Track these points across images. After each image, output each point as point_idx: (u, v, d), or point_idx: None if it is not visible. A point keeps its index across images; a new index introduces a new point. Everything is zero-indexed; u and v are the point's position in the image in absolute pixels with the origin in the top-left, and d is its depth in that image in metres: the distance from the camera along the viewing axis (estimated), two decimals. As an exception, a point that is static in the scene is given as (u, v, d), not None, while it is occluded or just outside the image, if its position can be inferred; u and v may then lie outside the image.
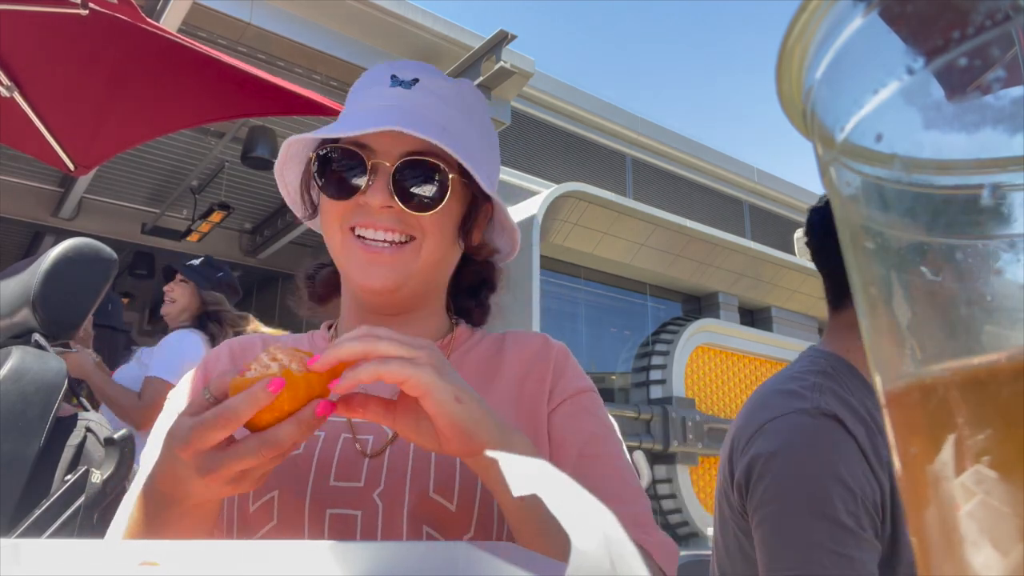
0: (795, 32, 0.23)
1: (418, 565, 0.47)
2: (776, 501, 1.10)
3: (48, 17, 2.24)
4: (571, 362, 0.98)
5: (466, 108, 0.94)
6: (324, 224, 0.93)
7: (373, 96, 0.92)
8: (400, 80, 0.92)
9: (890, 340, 0.22)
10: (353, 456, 0.85)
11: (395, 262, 0.88)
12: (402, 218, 0.88)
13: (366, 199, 0.87)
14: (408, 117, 0.87)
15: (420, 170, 0.87)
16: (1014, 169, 0.19)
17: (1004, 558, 0.18)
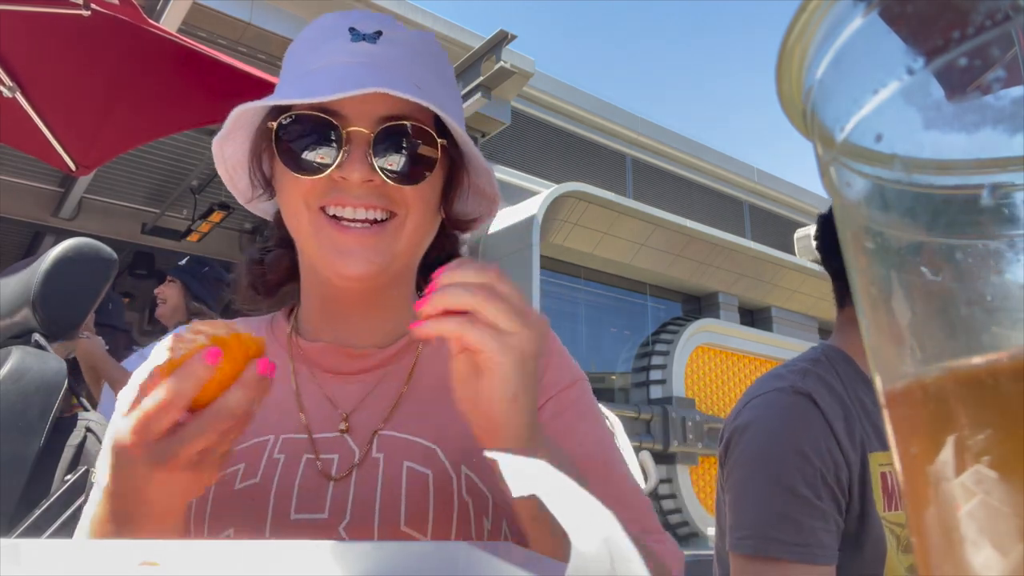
0: (795, 32, 0.23)
1: (418, 565, 0.47)
2: (742, 468, 1.17)
3: (50, 17, 2.24)
4: (555, 354, 0.89)
5: (431, 62, 0.84)
6: (285, 204, 0.81)
7: (332, 52, 0.79)
8: (362, 34, 0.79)
9: (890, 340, 0.22)
10: (316, 481, 0.76)
11: (377, 243, 0.77)
12: (383, 192, 0.77)
13: (342, 173, 0.75)
14: (383, 75, 0.75)
15: (402, 137, 0.76)
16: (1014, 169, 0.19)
17: (1004, 558, 0.18)
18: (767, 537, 1.07)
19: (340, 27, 0.80)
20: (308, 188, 0.77)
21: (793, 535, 1.06)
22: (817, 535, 1.06)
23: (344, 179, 0.76)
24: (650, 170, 12.35)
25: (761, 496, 1.11)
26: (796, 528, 1.06)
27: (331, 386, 0.85)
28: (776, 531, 1.06)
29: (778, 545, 1.06)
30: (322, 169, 0.76)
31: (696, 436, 10.31)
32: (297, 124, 0.76)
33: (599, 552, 0.29)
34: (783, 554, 1.05)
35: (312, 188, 0.77)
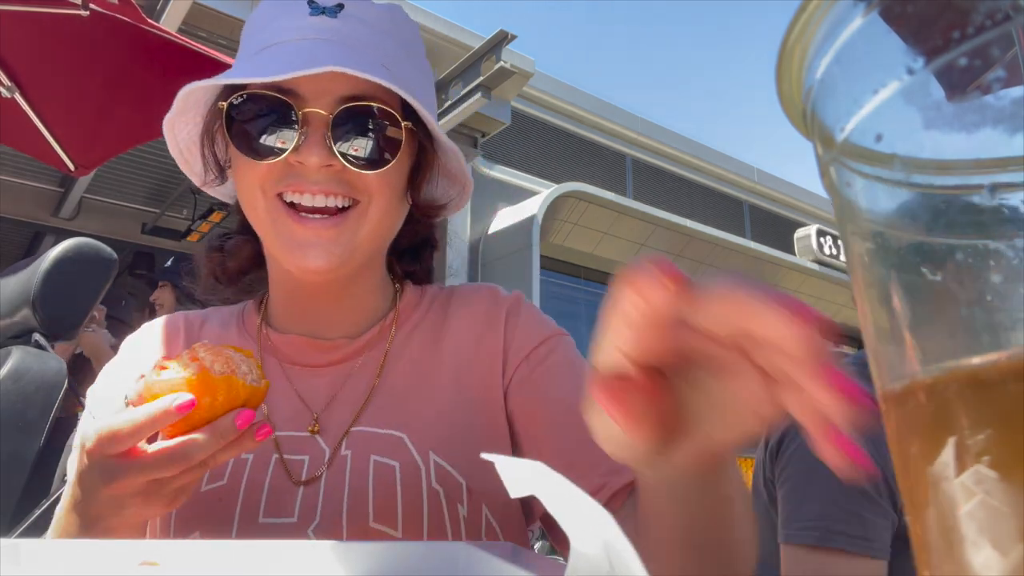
0: (795, 32, 0.23)
1: (418, 565, 0.47)
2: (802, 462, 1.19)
3: (49, 18, 2.24)
4: (524, 315, 0.84)
5: (400, 38, 0.78)
6: (241, 190, 0.76)
7: (289, 28, 0.73)
8: (321, 7, 0.74)
9: (890, 340, 0.22)
10: (286, 485, 0.73)
11: (338, 235, 0.72)
12: (343, 178, 0.72)
13: (299, 158, 0.70)
14: (344, 53, 0.71)
15: (365, 119, 0.71)
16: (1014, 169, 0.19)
17: (1004, 558, 0.18)
18: (832, 530, 1.10)
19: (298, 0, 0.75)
20: (264, 173, 0.72)
21: (857, 528, 1.09)
22: (877, 530, 1.10)
23: (301, 164, 0.70)
24: (650, 170, 12.34)
25: (825, 490, 1.13)
26: (860, 522, 1.09)
27: (301, 381, 0.81)
28: (842, 524, 1.09)
29: (843, 538, 1.09)
30: (277, 153, 0.70)
31: (696, 436, 10.29)
32: (250, 104, 0.71)
33: (598, 553, 0.29)
34: (847, 546, 1.08)
35: (268, 173, 0.72)
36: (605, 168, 11.67)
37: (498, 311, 0.84)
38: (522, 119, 10.08)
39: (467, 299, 0.87)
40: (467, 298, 0.88)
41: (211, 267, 0.89)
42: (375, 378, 0.81)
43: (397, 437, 0.75)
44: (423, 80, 0.80)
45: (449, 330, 0.84)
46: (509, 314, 0.84)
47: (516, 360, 0.81)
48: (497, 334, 0.82)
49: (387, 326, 0.84)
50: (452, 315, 0.86)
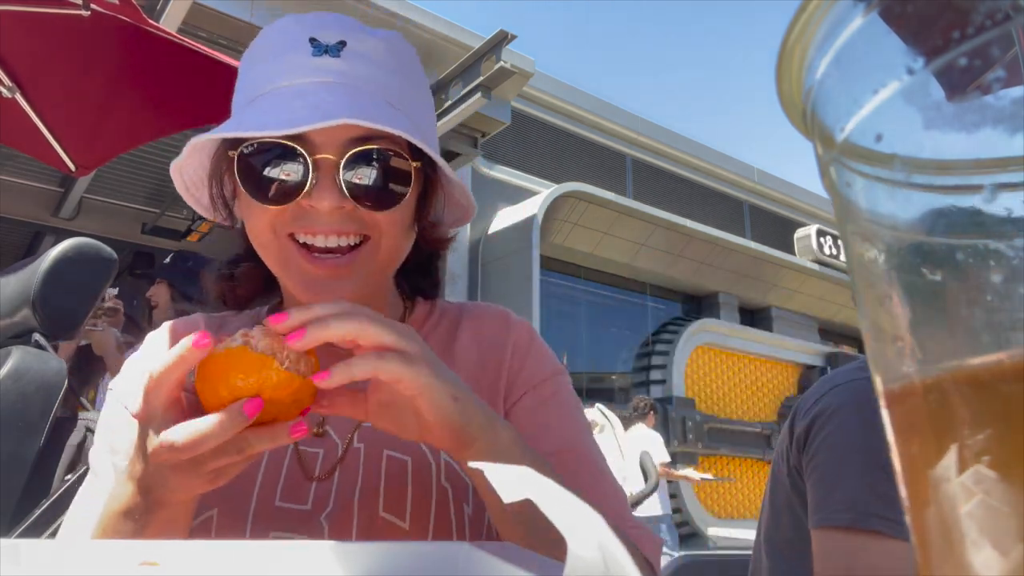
0: (795, 32, 0.23)
1: (418, 565, 0.47)
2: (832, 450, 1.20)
3: (49, 18, 2.24)
4: (534, 347, 0.88)
5: (402, 69, 0.79)
6: (252, 231, 0.78)
7: (293, 70, 0.74)
8: (324, 46, 0.75)
9: (890, 340, 0.22)
10: (300, 476, 0.78)
11: (352, 272, 0.75)
12: (355, 216, 0.74)
13: (311, 202, 0.72)
14: (351, 97, 0.72)
15: (374, 161, 0.73)
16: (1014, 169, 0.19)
17: (1004, 558, 0.18)
18: (868, 512, 1.10)
19: (300, 37, 0.76)
20: (275, 215, 0.74)
21: (892, 511, 1.09)
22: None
23: (313, 207, 0.72)
24: (650, 170, 12.35)
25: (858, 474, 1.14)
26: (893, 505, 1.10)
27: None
28: (876, 507, 1.10)
29: (878, 520, 1.09)
30: (290, 198, 0.72)
31: (696, 436, 10.31)
32: (260, 153, 0.73)
33: (594, 555, 0.29)
34: (883, 528, 1.09)
35: (279, 216, 0.74)
36: (605, 168, 11.67)
37: (507, 335, 0.88)
38: (522, 119, 10.09)
39: (478, 317, 0.92)
40: (478, 316, 0.92)
41: (220, 292, 0.91)
42: None
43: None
44: (425, 106, 0.83)
45: (459, 344, 0.88)
46: (518, 341, 0.88)
47: (522, 388, 0.85)
48: (503, 357, 0.86)
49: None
50: (463, 330, 0.90)
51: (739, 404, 11.46)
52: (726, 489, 10.77)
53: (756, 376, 11.92)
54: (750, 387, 11.83)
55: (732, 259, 11.69)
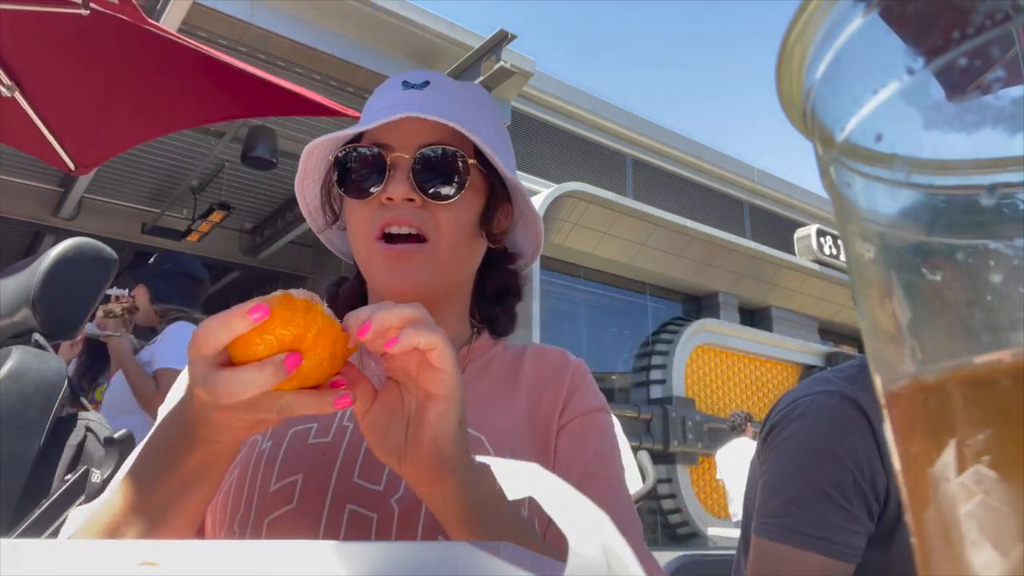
0: (795, 32, 0.23)
1: (418, 565, 0.47)
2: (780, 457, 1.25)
3: (49, 17, 2.24)
4: (587, 380, 0.98)
5: (477, 105, 0.96)
6: (351, 232, 0.92)
7: (386, 100, 0.93)
8: (411, 84, 0.93)
9: (890, 340, 0.22)
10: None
11: (418, 260, 0.87)
12: (421, 214, 0.87)
13: (387, 193, 0.86)
14: (420, 108, 0.87)
15: (439, 158, 0.87)
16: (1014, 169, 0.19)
17: (1004, 558, 0.18)
18: (791, 528, 1.14)
19: (395, 82, 0.95)
20: (366, 213, 0.88)
21: (816, 528, 1.13)
22: (842, 533, 1.13)
23: (390, 200, 0.86)
24: (650, 170, 12.35)
25: (792, 490, 1.18)
26: (821, 522, 1.13)
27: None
28: (800, 524, 1.14)
29: (799, 536, 1.13)
30: (372, 192, 0.87)
31: (696, 436, 10.32)
32: (353, 156, 0.89)
33: (596, 553, 0.29)
34: (804, 544, 1.12)
35: (369, 212, 0.88)
36: (605, 168, 11.67)
37: (566, 368, 0.98)
38: (522, 119, 10.08)
39: (541, 352, 1.01)
40: (541, 352, 1.01)
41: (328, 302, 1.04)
42: None
43: (476, 437, 0.85)
44: (496, 135, 0.96)
45: (524, 372, 0.97)
46: (575, 372, 0.97)
47: (572, 414, 0.92)
48: (561, 385, 0.95)
49: (462, 356, 0.96)
50: (527, 361, 0.98)
51: (739, 404, 11.46)
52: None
53: (756, 376, 11.93)
54: (750, 387, 11.83)
55: (732, 259, 11.69)
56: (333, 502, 0.79)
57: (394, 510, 0.79)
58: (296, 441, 0.85)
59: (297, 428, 0.86)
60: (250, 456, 0.85)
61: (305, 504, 0.79)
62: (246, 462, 0.84)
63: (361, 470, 0.82)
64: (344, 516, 0.78)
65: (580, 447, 0.89)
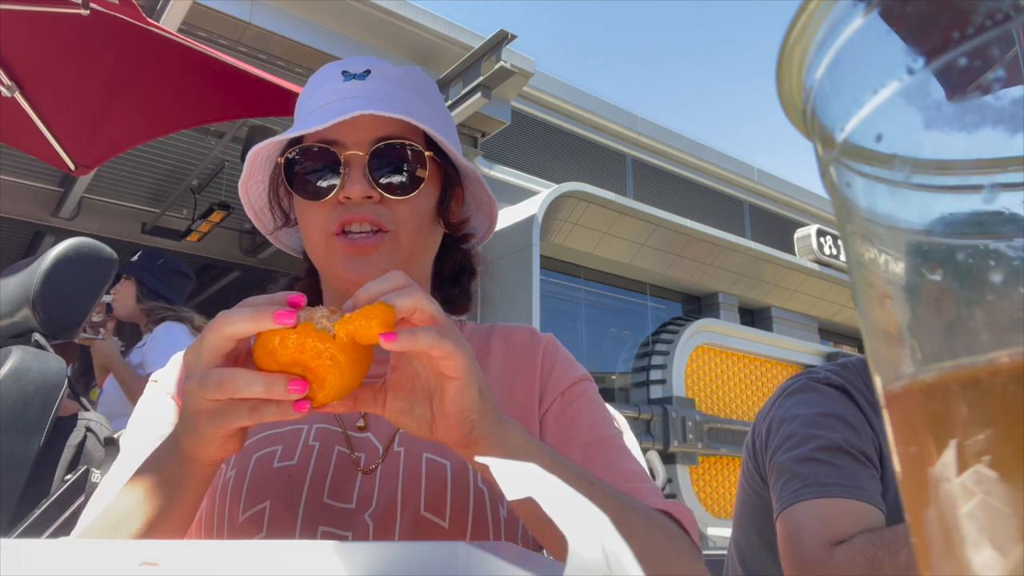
0: (795, 32, 0.23)
1: (418, 565, 0.47)
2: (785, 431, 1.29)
3: (49, 17, 2.24)
4: (560, 355, 0.96)
5: (420, 91, 0.92)
6: (305, 231, 0.89)
7: (328, 93, 0.88)
8: (352, 74, 0.89)
9: (890, 340, 0.22)
10: (347, 473, 0.83)
11: (378, 251, 0.84)
12: (381, 208, 0.85)
13: (345, 193, 0.83)
14: (371, 102, 0.84)
15: (395, 153, 0.85)
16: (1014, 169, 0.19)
17: (1004, 558, 0.18)
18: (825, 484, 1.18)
19: (334, 72, 0.90)
20: (322, 212, 0.85)
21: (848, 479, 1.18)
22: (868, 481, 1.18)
23: (348, 198, 0.83)
24: (650, 170, 12.34)
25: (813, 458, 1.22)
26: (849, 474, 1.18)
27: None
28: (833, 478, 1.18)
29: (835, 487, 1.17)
30: (328, 192, 0.84)
31: (696, 436, 10.31)
32: (303, 156, 0.86)
33: (596, 554, 0.29)
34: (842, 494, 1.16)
35: (325, 212, 0.85)
36: (605, 168, 11.67)
37: (536, 347, 0.96)
38: (522, 119, 10.08)
39: (507, 334, 0.99)
40: (507, 333, 0.99)
41: None
42: None
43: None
44: (443, 122, 0.93)
45: (491, 359, 0.95)
46: (546, 351, 0.95)
47: (553, 395, 0.91)
48: (534, 367, 0.93)
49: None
50: (493, 345, 0.97)
51: (739, 404, 11.46)
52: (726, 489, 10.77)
53: (756, 376, 11.93)
54: (750, 387, 11.83)
55: (732, 259, 11.68)
56: (304, 525, 0.78)
57: (368, 525, 0.79)
58: (261, 466, 0.82)
59: (260, 453, 0.84)
60: (215, 486, 0.83)
61: (275, 531, 0.78)
62: (212, 492, 0.82)
63: (331, 490, 0.81)
64: (316, 538, 0.78)
65: (570, 424, 0.88)
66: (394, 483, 0.81)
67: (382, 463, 0.83)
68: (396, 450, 0.84)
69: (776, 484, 1.26)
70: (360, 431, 0.87)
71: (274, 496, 0.80)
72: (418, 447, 0.84)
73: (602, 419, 0.90)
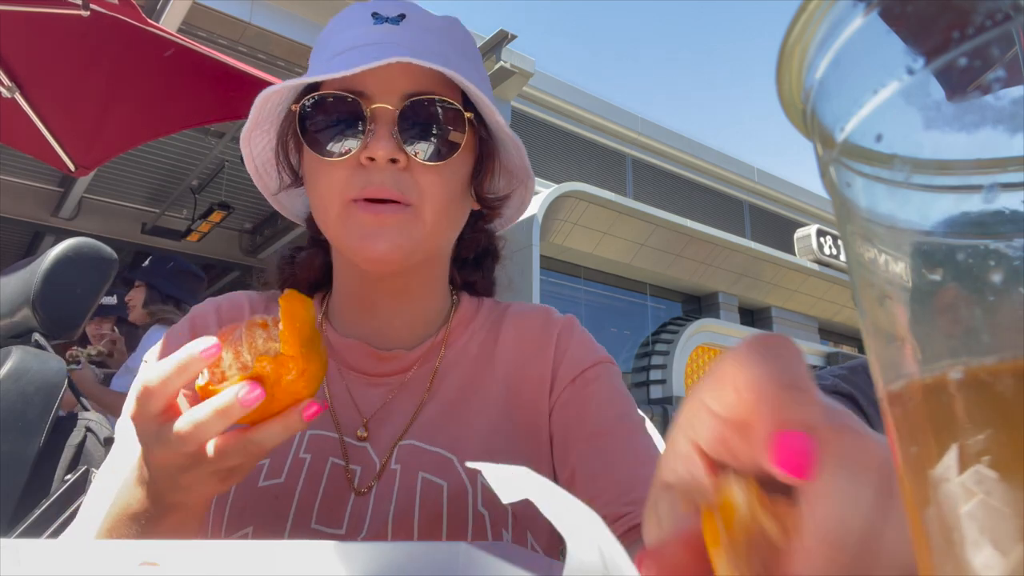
0: (795, 32, 0.23)
1: (418, 565, 0.47)
2: None
3: (49, 17, 2.24)
4: (576, 337, 0.86)
5: (460, 45, 0.81)
6: (316, 194, 0.76)
7: (355, 37, 0.75)
8: (384, 17, 0.76)
9: (890, 340, 0.22)
10: (339, 492, 0.75)
11: (400, 224, 0.73)
12: (402, 179, 0.73)
13: (368, 153, 0.71)
14: (405, 49, 0.72)
15: (429, 111, 0.73)
16: (1014, 169, 0.19)
17: (1004, 558, 0.18)
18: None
19: (363, 14, 0.77)
20: (338, 178, 0.73)
21: None
22: None
23: (371, 160, 0.71)
24: (650, 170, 12.35)
25: None
26: None
27: (357, 388, 0.84)
28: None
29: None
30: (348, 150, 0.72)
31: (696, 436, 10.29)
32: (321, 105, 0.73)
33: (593, 556, 0.29)
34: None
35: (342, 178, 0.73)
36: (605, 168, 11.67)
37: (550, 332, 0.87)
38: (522, 119, 10.08)
39: (521, 317, 0.90)
40: (521, 316, 0.90)
41: (283, 278, 0.92)
42: (424, 392, 0.83)
43: (448, 459, 0.76)
44: (481, 81, 0.80)
45: (501, 348, 0.86)
46: (560, 336, 0.86)
47: (563, 383, 0.83)
48: (547, 356, 0.84)
49: (438, 342, 0.86)
50: (504, 333, 0.88)
51: (739, 404, 11.46)
52: (726, 489, 10.78)
53: (756, 376, 11.91)
54: (750, 387, 11.82)
55: (732, 259, 11.68)
56: None
57: None
58: (244, 484, 0.74)
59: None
60: None
61: None
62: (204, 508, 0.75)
63: (319, 514, 0.73)
64: None
65: (579, 413, 0.80)
66: (387, 506, 0.74)
67: (377, 482, 0.76)
68: (393, 468, 0.76)
69: None
70: (360, 440, 0.79)
71: (258, 521, 0.73)
72: (415, 465, 0.76)
73: (617, 406, 0.80)
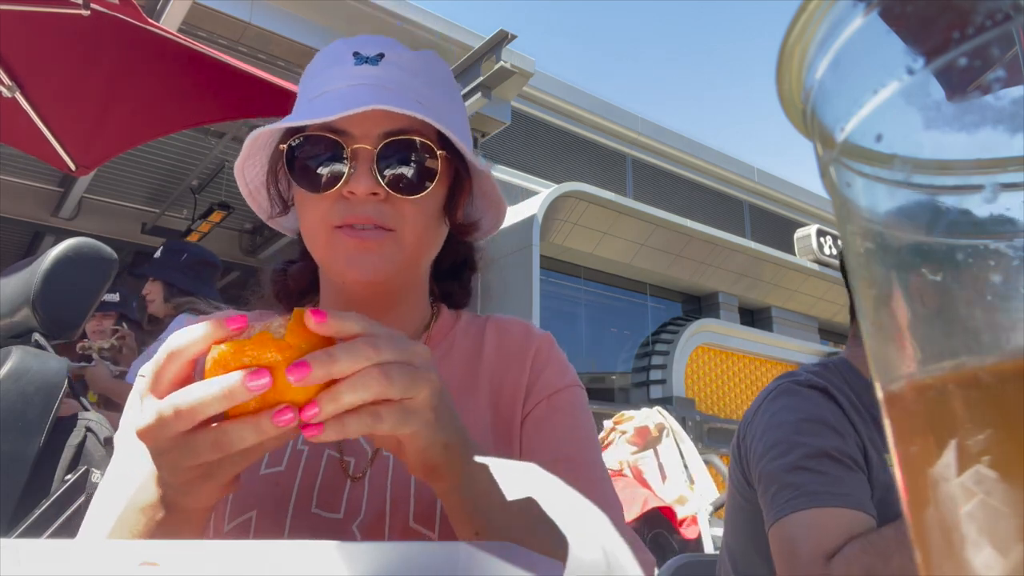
0: (795, 32, 0.23)
1: (418, 565, 0.47)
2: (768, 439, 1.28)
3: (49, 17, 2.24)
4: (553, 357, 0.92)
5: (434, 79, 0.87)
6: (305, 221, 0.85)
7: (337, 76, 0.83)
8: (364, 57, 0.84)
9: (890, 340, 0.22)
10: (336, 480, 0.80)
11: (381, 249, 0.80)
12: (387, 207, 0.81)
13: (350, 188, 0.79)
14: (384, 94, 0.80)
15: (405, 150, 0.81)
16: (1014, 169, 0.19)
17: (1004, 558, 0.18)
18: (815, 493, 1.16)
19: (344, 52, 0.85)
20: (324, 205, 0.81)
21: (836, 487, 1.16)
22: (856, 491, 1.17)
23: (353, 193, 0.79)
24: (650, 170, 12.35)
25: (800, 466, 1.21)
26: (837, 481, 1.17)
27: None
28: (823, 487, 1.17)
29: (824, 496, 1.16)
30: (332, 185, 0.80)
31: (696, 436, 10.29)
32: (307, 145, 0.81)
33: (596, 554, 0.29)
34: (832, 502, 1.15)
35: (327, 205, 0.81)
36: (605, 168, 11.67)
37: (528, 346, 0.92)
38: (522, 119, 10.08)
39: (502, 329, 0.96)
40: (502, 327, 0.96)
41: (275, 288, 0.99)
42: None
43: None
44: (456, 113, 0.89)
45: (485, 356, 0.92)
46: (539, 352, 0.92)
47: (537, 398, 0.88)
48: (524, 367, 0.90)
49: (425, 339, 0.92)
50: (488, 342, 0.94)
51: (739, 404, 11.46)
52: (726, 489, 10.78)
53: (756, 376, 11.92)
54: (750, 387, 11.83)
55: (732, 259, 11.68)
56: (291, 537, 0.75)
57: (356, 537, 0.77)
58: (247, 474, 0.76)
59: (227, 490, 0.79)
60: None
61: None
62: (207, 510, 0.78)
63: (319, 499, 0.78)
64: None
65: (547, 431, 0.85)
66: (383, 492, 0.79)
67: (371, 468, 0.81)
68: (385, 454, 0.81)
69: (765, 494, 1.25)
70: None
71: (261, 505, 0.77)
72: None
73: (579, 434, 0.87)
